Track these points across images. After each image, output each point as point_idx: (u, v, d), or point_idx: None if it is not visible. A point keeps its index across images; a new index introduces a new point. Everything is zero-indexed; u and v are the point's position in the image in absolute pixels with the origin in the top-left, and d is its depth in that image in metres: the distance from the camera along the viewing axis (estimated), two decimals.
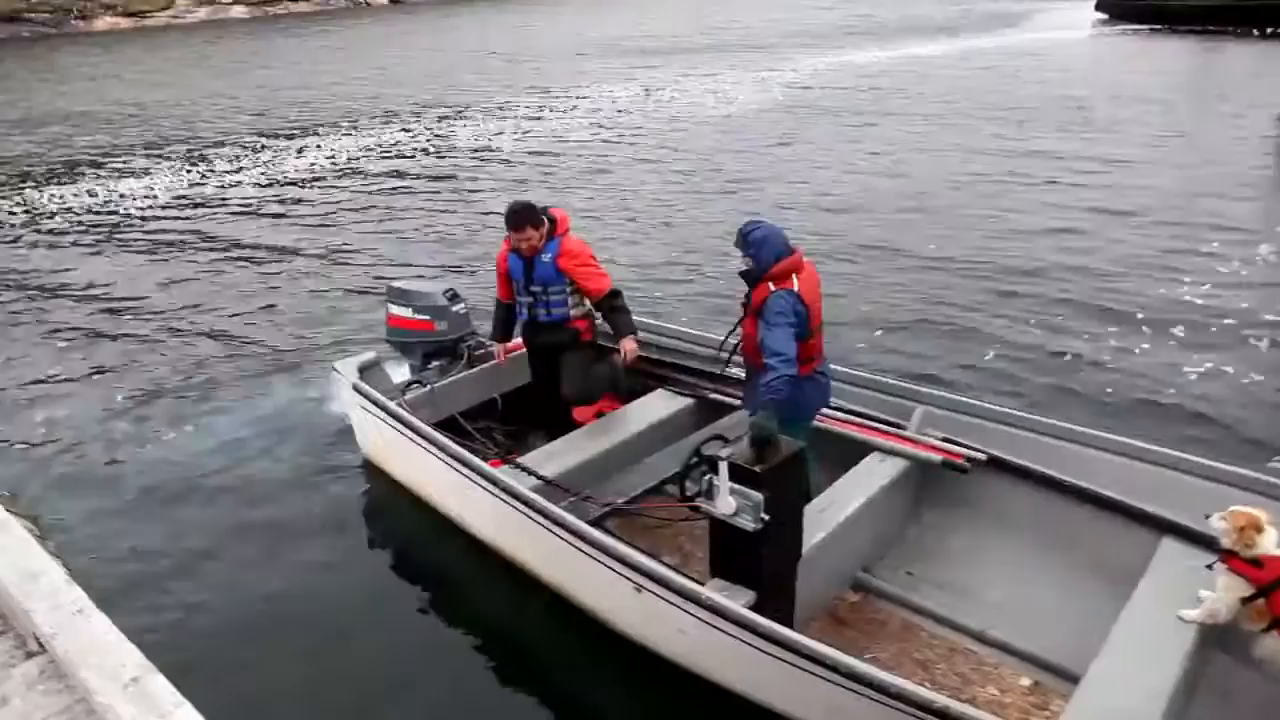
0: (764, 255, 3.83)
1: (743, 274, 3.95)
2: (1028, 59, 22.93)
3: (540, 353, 4.96)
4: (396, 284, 5.48)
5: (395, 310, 5.32)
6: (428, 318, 5.23)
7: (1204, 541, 3.41)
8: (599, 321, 4.90)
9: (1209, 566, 3.26)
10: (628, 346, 4.65)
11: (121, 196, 13.07)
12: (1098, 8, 32.61)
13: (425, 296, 5.28)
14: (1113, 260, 8.48)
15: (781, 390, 3.61)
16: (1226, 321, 7.09)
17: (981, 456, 4.08)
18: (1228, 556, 3.16)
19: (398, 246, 10.28)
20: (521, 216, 4.62)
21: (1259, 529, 3.09)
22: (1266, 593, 3.06)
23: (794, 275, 3.83)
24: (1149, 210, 9.99)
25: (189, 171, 14.56)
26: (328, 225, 11.27)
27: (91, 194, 13.31)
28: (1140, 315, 7.24)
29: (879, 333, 7.20)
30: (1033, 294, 7.80)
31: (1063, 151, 12.90)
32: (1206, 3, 27.68)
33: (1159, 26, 28.54)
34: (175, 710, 2.29)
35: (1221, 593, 3.18)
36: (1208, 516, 3.25)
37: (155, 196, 13.07)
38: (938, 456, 4.09)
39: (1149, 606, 3.33)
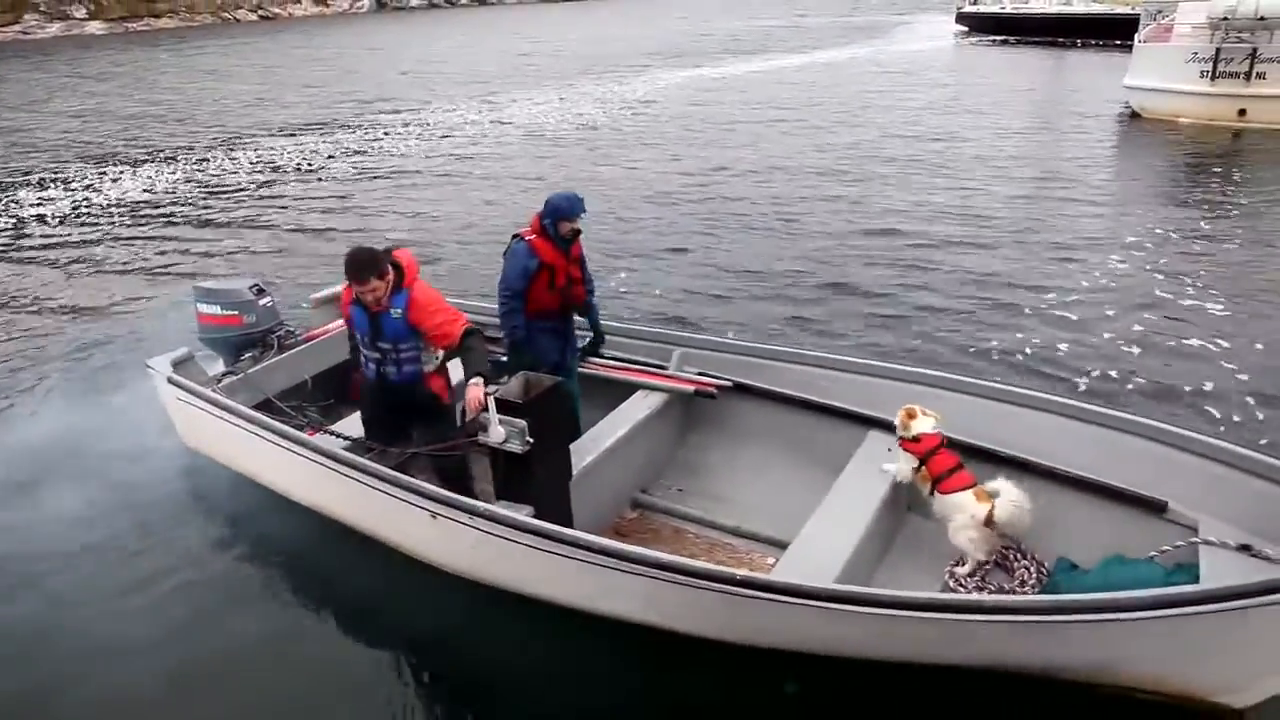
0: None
1: (577, 232, 5.00)
2: (895, 68, 26.51)
3: (388, 416, 4.88)
4: (203, 284, 6.13)
5: (204, 309, 5.95)
6: (236, 313, 5.88)
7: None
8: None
9: (889, 449, 4.57)
10: (471, 396, 4.30)
11: None
12: (958, 20, 36.83)
13: (231, 293, 5.95)
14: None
15: None
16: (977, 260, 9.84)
17: (728, 384, 5.26)
18: (901, 439, 4.46)
19: (211, 249, 11.92)
20: (363, 266, 4.38)
21: (913, 416, 4.44)
22: (925, 461, 4.37)
23: None
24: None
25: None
26: (140, 236, 12.81)
27: None
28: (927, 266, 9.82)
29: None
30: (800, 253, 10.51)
31: (904, 145, 15.99)
32: (1048, 16, 32.45)
33: (1010, 38, 32.59)
34: None
35: (901, 464, 4.45)
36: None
37: None
38: (691, 388, 5.22)
39: (852, 482, 4.51)
